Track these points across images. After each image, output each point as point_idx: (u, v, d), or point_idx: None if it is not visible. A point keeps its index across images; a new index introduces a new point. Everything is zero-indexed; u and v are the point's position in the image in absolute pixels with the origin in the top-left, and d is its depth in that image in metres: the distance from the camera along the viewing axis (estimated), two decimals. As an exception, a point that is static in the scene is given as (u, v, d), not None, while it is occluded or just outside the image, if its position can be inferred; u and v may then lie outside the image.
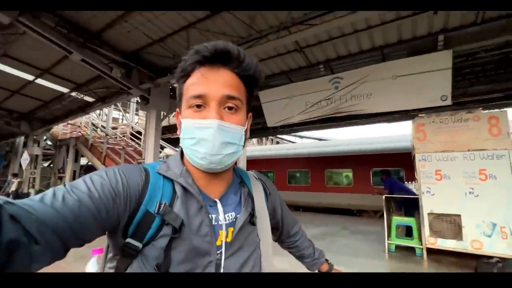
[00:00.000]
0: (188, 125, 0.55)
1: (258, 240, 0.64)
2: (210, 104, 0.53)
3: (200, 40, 3.69)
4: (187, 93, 0.55)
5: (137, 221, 0.51)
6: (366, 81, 4.96)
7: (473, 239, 3.98)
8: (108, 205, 0.47)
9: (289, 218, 0.88)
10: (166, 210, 0.52)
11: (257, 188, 0.69)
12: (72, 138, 10.54)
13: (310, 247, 0.92)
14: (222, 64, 0.55)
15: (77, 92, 7.37)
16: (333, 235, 5.97)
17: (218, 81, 0.54)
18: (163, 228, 0.51)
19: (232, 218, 0.60)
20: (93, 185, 0.47)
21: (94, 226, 0.45)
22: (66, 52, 4.43)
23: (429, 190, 4.39)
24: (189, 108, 0.55)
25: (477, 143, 4.13)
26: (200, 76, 0.54)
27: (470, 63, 5.15)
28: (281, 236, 0.88)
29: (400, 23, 4.13)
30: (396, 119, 7.78)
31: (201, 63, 0.54)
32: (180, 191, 0.55)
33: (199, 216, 0.55)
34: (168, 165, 0.59)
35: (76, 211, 0.42)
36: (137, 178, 0.53)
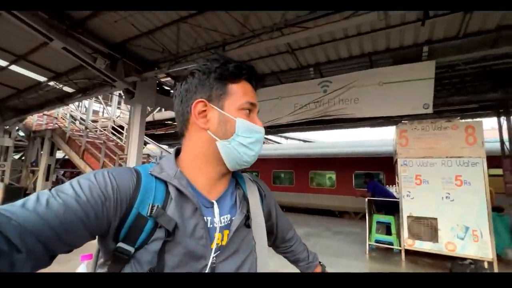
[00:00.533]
0: (247, 125, 0.60)
1: (254, 243, 0.63)
2: (255, 113, 0.64)
3: (191, 35, 3.62)
4: (241, 96, 0.61)
5: (128, 224, 0.50)
6: (354, 86, 5.08)
7: (447, 241, 4.20)
8: (97, 209, 0.46)
9: (284, 222, 0.87)
10: (158, 212, 0.51)
11: (252, 190, 0.69)
12: (48, 130, 9.95)
13: (304, 250, 0.92)
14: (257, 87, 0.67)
15: (56, 82, 6.96)
16: (316, 236, 6.07)
17: (255, 95, 0.66)
18: (156, 231, 0.50)
19: (227, 220, 0.60)
20: (81, 188, 0.46)
21: (82, 231, 0.44)
22: (46, 39, 4.16)
23: (409, 194, 4.58)
24: (240, 110, 0.60)
25: (454, 151, 4.36)
26: (248, 86, 0.64)
27: (450, 74, 5.43)
28: (275, 241, 0.87)
29: (389, 32, 4.27)
30: (379, 124, 8.05)
31: (250, 79, 0.64)
32: (174, 193, 0.54)
33: (193, 218, 0.54)
34: (161, 166, 0.58)
35: (61, 215, 0.41)
36: (128, 180, 0.52)
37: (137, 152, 5.64)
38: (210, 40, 4.76)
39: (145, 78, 5.53)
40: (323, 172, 10.79)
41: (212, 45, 4.81)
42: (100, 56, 4.91)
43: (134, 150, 5.64)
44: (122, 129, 10.65)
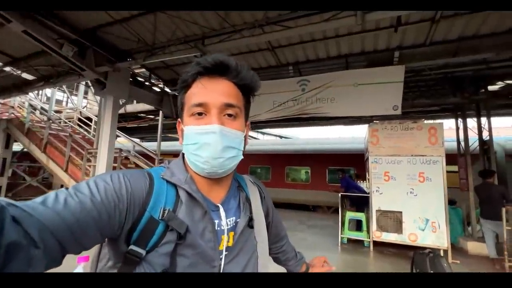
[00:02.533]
0: (191, 131, 0.57)
1: (256, 243, 0.66)
2: (211, 111, 0.57)
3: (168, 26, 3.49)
4: (189, 102, 0.58)
5: (141, 227, 0.51)
6: (330, 86, 5.26)
7: (410, 232, 4.59)
8: (110, 210, 0.47)
9: (279, 223, 0.89)
10: (170, 216, 0.52)
11: (253, 192, 0.72)
12: (3, 120, 8.99)
13: (293, 250, 0.96)
14: (221, 74, 0.59)
15: (13, 67, 6.30)
16: (291, 230, 6.27)
17: (218, 90, 0.58)
18: (167, 234, 0.52)
19: (233, 222, 0.62)
20: (97, 189, 0.47)
21: (94, 232, 0.45)
22: (3, 20, 3.74)
23: (378, 189, 4.91)
24: (191, 116, 0.58)
25: (418, 149, 4.75)
26: (201, 85, 0.57)
27: (417, 78, 5.84)
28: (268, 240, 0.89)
29: (364, 36, 4.47)
30: (353, 123, 8.45)
31: (201, 73, 0.58)
32: (185, 197, 0.56)
33: (202, 222, 0.56)
34: (172, 171, 0.60)
35: (77, 214, 0.42)
36: (142, 183, 0.54)
37: (109, 146, 5.34)
38: (189, 32, 4.61)
39: (118, 68, 5.21)
40: (299, 167, 11.10)
41: (191, 38, 4.66)
42: (67, 42, 4.53)
43: (106, 144, 5.33)
44: (90, 121, 9.96)
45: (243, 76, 0.60)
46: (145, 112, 10.65)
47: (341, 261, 4.31)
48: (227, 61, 0.58)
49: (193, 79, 0.58)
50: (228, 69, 0.59)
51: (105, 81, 5.31)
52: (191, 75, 0.58)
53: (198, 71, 0.57)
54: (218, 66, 0.58)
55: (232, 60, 0.59)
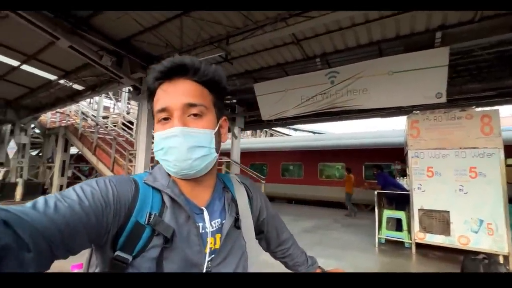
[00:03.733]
0: (157, 137, 0.57)
1: (244, 243, 0.65)
2: (173, 114, 0.55)
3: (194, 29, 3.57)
4: (154, 109, 0.58)
5: (127, 232, 0.51)
6: (362, 76, 4.92)
7: (460, 234, 4.09)
8: (97, 215, 0.47)
9: (277, 222, 0.85)
10: (156, 220, 0.52)
11: (240, 192, 0.70)
12: (61, 127, 10.24)
13: (302, 254, 0.90)
14: (179, 76, 0.57)
15: (66, 80, 7.11)
16: (324, 228, 6.05)
17: (178, 91, 0.56)
18: (153, 239, 0.52)
19: (218, 224, 0.61)
20: (84, 194, 0.47)
21: (82, 236, 0.44)
22: (53, 38, 4.22)
23: (420, 187, 4.46)
24: (157, 122, 0.58)
25: (468, 141, 4.18)
26: (161, 91, 0.57)
27: (466, 60, 5.16)
28: (270, 244, 0.86)
29: (399, 19, 4.08)
30: (390, 115, 7.81)
31: (160, 78, 0.57)
32: (169, 201, 0.56)
33: (187, 225, 0.56)
34: (154, 176, 0.60)
35: (68, 218, 0.42)
36: (127, 189, 0.54)
37: (146, 147, 5.72)
38: (213, 33, 4.69)
39: (150, 74, 5.55)
40: (333, 164, 10.67)
41: (215, 39, 4.75)
42: (106, 53, 4.95)
43: (143, 146, 5.72)
44: (132, 125, 10.83)
45: (203, 72, 0.58)
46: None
47: (378, 263, 4.02)
48: (181, 61, 0.56)
49: (155, 86, 0.58)
50: (184, 68, 0.57)
51: (140, 87, 5.70)
52: (151, 82, 0.58)
53: (156, 77, 0.57)
54: (173, 68, 0.56)
55: (188, 58, 0.57)
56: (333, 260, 3.97)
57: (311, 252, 0.94)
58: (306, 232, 5.71)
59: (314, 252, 4.44)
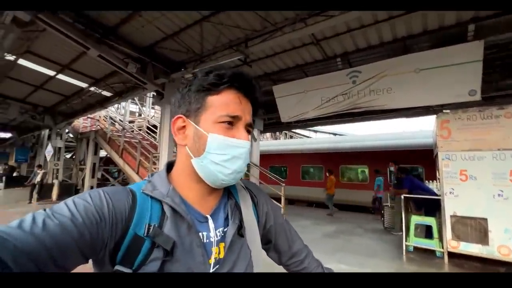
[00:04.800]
0: (220, 140, 0.56)
1: (249, 251, 0.62)
2: (239, 126, 0.58)
3: (214, 34, 3.64)
4: (219, 109, 0.56)
5: (125, 246, 0.49)
6: (386, 75, 4.71)
7: (500, 244, 3.73)
8: (92, 230, 0.44)
9: (287, 230, 0.78)
10: (156, 232, 0.50)
11: (244, 198, 0.68)
12: (92, 132, 10.92)
13: (319, 266, 0.81)
14: (247, 94, 0.60)
15: (96, 87, 7.58)
16: (347, 234, 5.83)
17: (248, 108, 0.60)
18: (154, 251, 0.49)
19: (221, 233, 0.59)
20: (76, 208, 0.45)
21: (75, 253, 0.43)
22: (84, 48, 4.51)
23: (453, 191, 4.15)
24: (218, 123, 0.56)
25: (509, 142, 3.83)
26: (237, 99, 0.58)
27: (503, 54, 4.74)
28: (281, 255, 0.78)
29: (426, 13, 3.85)
30: (417, 114, 7.39)
31: (236, 87, 0.58)
32: (169, 211, 0.53)
33: (189, 236, 0.53)
34: (153, 184, 0.57)
35: (57, 237, 0.40)
36: (124, 200, 0.51)
37: (168, 150, 5.91)
38: (232, 37, 4.75)
39: (172, 79, 5.74)
40: (355, 166, 10.30)
41: (234, 42, 4.80)
42: (131, 60, 5.20)
43: (166, 149, 5.91)
44: (156, 128, 11.28)
45: (259, 99, 0.64)
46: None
47: (406, 272, 3.78)
48: (255, 84, 0.61)
49: (225, 87, 0.57)
50: (255, 92, 0.61)
51: (163, 92, 5.91)
52: (225, 82, 0.56)
53: (234, 85, 0.57)
54: (251, 87, 0.60)
55: (256, 82, 0.63)
56: (357, 268, 3.80)
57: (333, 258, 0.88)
58: (328, 237, 5.54)
59: (336, 259, 4.31)
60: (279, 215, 0.76)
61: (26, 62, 6.27)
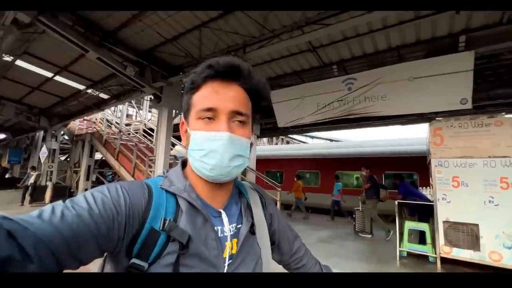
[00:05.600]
0: (198, 136, 0.55)
1: (259, 249, 0.64)
2: (220, 117, 0.55)
3: (213, 39, 3.70)
4: (197, 105, 0.56)
5: (142, 239, 0.49)
6: (380, 83, 4.82)
7: (491, 250, 3.79)
8: (108, 223, 0.45)
9: (287, 231, 0.81)
10: (171, 226, 0.50)
11: (254, 198, 0.70)
12: (88, 134, 10.85)
13: (317, 264, 0.86)
14: (232, 79, 0.56)
15: (93, 89, 7.58)
16: (341, 239, 5.85)
17: (229, 95, 0.55)
18: (169, 245, 0.50)
19: (235, 229, 0.60)
20: (94, 201, 0.46)
21: (92, 245, 0.43)
22: (83, 50, 4.54)
23: (445, 197, 4.21)
24: (198, 119, 0.56)
25: (498, 150, 3.92)
26: (212, 90, 0.55)
27: (493, 64, 4.89)
28: (283, 255, 0.81)
29: (419, 23, 3.98)
30: (411, 122, 7.53)
31: (213, 77, 0.55)
32: (185, 205, 0.54)
33: (204, 230, 0.54)
34: (170, 179, 0.58)
35: (74, 228, 0.41)
36: (140, 195, 0.52)
37: (165, 153, 5.91)
38: (231, 42, 4.82)
39: (170, 83, 5.78)
40: (351, 172, 10.37)
41: (233, 48, 4.87)
42: (130, 64, 5.24)
43: (162, 152, 5.92)
44: (152, 132, 11.25)
45: (254, 82, 0.59)
46: (198, 121, 11.49)
47: (399, 278, 3.81)
48: (240, 66, 0.56)
49: (203, 81, 0.56)
50: (240, 74, 0.56)
51: (160, 95, 5.94)
52: (201, 77, 0.56)
53: (210, 74, 0.55)
54: (231, 71, 0.56)
55: (245, 64, 0.57)
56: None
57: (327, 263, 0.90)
58: (322, 242, 5.55)
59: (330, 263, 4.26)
60: (281, 217, 0.79)
61: (24, 63, 6.27)
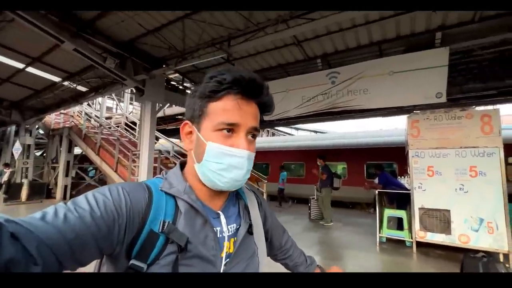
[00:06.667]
0: (216, 149, 0.56)
1: (256, 248, 0.67)
2: (239, 133, 0.56)
3: (196, 31, 3.63)
4: (217, 116, 0.56)
5: (141, 241, 0.50)
6: (362, 77, 4.96)
7: (460, 233, 4.12)
8: (110, 225, 0.46)
9: (278, 227, 0.87)
10: (170, 228, 0.52)
11: (251, 199, 0.73)
12: (65, 128, 10.36)
13: (301, 254, 0.92)
14: (253, 96, 0.58)
15: (70, 82, 7.20)
16: (326, 227, 6.10)
17: (250, 113, 0.57)
18: (167, 246, 0.51)
19: (234, 229, 0.62)
20: (96, 203, 0.46)
21: (93, 247, 0.44)
22: (58, 41, 4.30)
23: (421, 186, 4.49)
24: (216, 131, 0.56)
25: (469, 141, 4.22)
26: (236, 105, 0.56)
27: (466, 60, 5.17)
28: (272, 249, 0.87)
29: (399, 19, 4.11)
30: (391, 114, 7.84)
31: (237, 91, 0.56)
32: (184, 207, 0.55)
33: (203, 230, 0.56)
34: (170, 181, 0.59)
35: (77, 230, 0.41)
36: (141, 197, 0.53)
37: (149, 148, 5.80)
38: (215, 35, 4.75)
39: (153, 75, 5.62)
40: (335, 163, 10.69)
41: (217, 40, 4.80)
42: (110, 55, 5.02)
43: (146, 146, 5.80)
44: (135, 125, 10.92)
45: (268, 100, 0.61)
46: (183, 114, 11.29)
47: (379, 262, 4.06)
48: (262, 85, 0.58)
49: (226, 93, 0.55)
50: (261, 93, 0.58)
51: (143, 88, 5.77)
52: (225, 88, 0.55)
53: (236, 90, 0.55)
54: (254, 89, 0.57)
55: (263, 81, 0.59)
56: (334, 260, 4.02)
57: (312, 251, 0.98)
58: (307, 231, 5.77)
59: (315, 251, 4.51)
60: (273, 215, 0.84)
61: (-9, 53, 5.84)
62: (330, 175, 6.58)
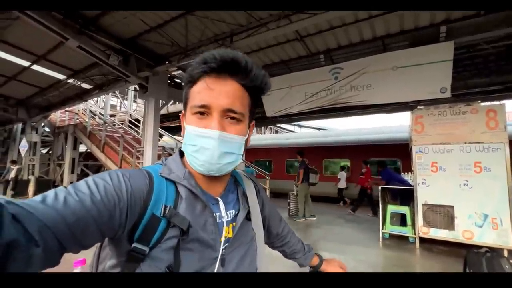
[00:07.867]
0: (190, 131, 0.56)
1: (254, 234, 0.68)
2: (212, 114, 0.54)
3: (198, 27, 3.64)
4: (192, 100, 0.56)
5: (143, 225, 0.51)
6: (366, 72, 4.92)
7: (464, 229, 4.10)
8: (110, 209, 0.46)
9: (276, 215, 0.89)
10: (171, 213, 0.52)
11: (249, 186, 0.74)
12: (71, 125, 10.48)
13: (299, 242, 0.94)
14: (228, 74, 0.54)
15: (74, 79, 7.28)
16: (328, 224, 6.11)
17: (223, 92, 0.54)
18: (169, 230, 0.52)
19: (232, 215, 0.63)
20: (96, 187, 0.46)
21: (94, 230, 0.44)
22: (62, 38, 4.34)
23: (425, 182, 4.47)
24: (192, 114, 0.56)
25: (473, 136, 4.17)
26: (206, 85, 0.54)
27: (471, 54, 5.10)
28: (270, 236, 0.89)
29: (402, 14, 4.06)
30: (395, 110, 7.78)
31: (209, 71, 0.54)
32: (184, 193, 0.56)
33: (203, 215, 0.57)
34: (169, 167, 0.60)
35: (77, 213, 0.41)
36: (142, 182, 0.53)
37: (153, 145, 5.86)
38: (217, 31, 4.75)
39: (156, 72, 5.65)
40: (337, 160, 10.67)
41: (220, 36, 4.80)
42: (113, 52, 5.06)
43: (150, 143, 5.85)
44: (138, 122, 11.00)
45: (253, 77, 0.56)
46: (185, 112, 11.30)
47: (382, 258, 4.06)
48: (236, 60, 0.53)
49: (199, 76, 0.55)
50: (237, 69, 0.54)
51: (146, 85, 5.81)
52: (196, 72, 0.55)
53: (203, 69, 0.53)
54: (226, 65, 0.53)
55: (242, 58, 0.54)
56: (337, 254, 4.03)
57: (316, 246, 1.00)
58: (310, 227, 5.78)
59: (319, 247, 4.53)
60: (269, 203, 0.85)
61: (-3, 51, 5.92)
62: (307, 171, 6.56)
